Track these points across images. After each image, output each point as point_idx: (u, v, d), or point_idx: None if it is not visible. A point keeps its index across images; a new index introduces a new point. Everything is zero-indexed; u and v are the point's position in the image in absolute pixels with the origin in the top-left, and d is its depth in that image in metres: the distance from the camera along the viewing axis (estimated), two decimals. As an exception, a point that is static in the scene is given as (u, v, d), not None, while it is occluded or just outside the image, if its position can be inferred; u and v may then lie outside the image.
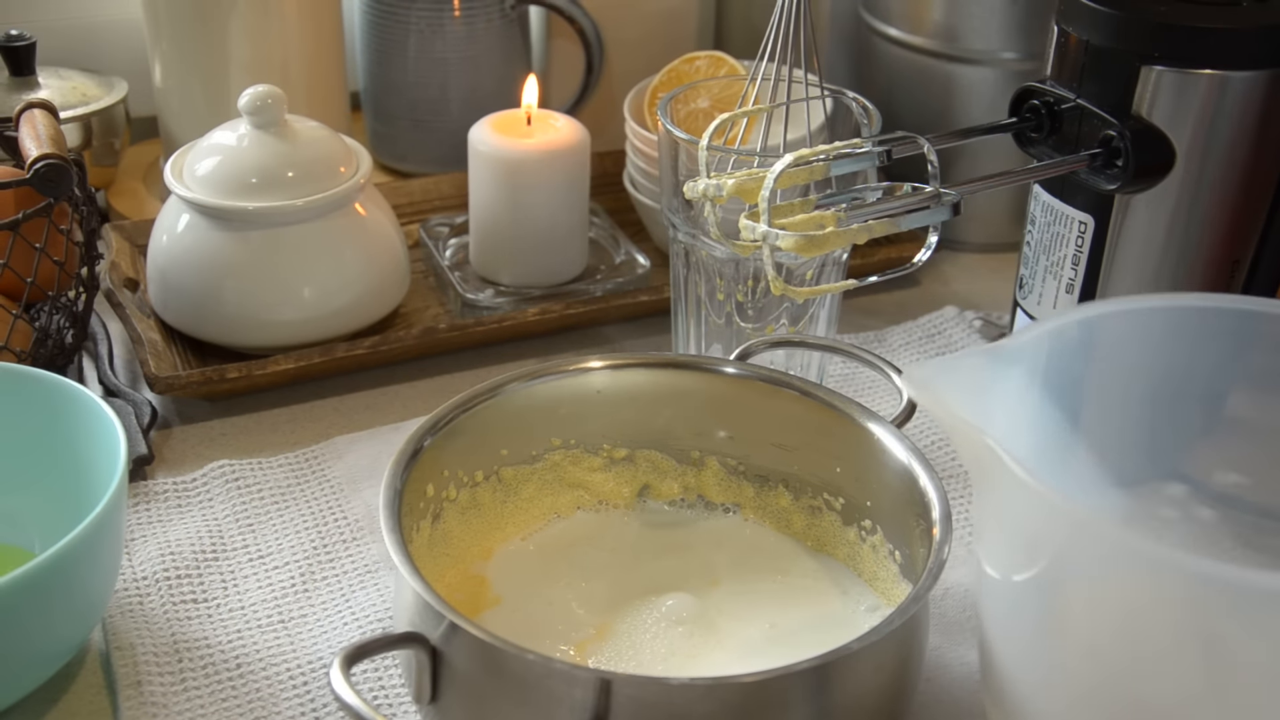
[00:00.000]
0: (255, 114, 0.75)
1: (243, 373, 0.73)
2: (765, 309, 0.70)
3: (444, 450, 0.56)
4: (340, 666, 0.45)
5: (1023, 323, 0.70)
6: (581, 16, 0.95)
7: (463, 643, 0.46)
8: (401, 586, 0.49)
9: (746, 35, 1.07)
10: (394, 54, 0.96)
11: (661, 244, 0.89)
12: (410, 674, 0.48)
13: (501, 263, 0.83)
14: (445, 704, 0.47)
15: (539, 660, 0.44)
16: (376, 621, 0.59)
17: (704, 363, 0.61)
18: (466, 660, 0.46)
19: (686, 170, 0.67)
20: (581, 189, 0.83)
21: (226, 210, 0.74)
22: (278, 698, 0.56)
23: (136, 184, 0.97)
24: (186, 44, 0.90)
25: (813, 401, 0.59)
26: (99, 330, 0.78)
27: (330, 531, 0.65)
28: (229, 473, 0.68)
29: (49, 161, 0.66)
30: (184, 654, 0.58)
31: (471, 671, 0.46)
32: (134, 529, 0.65)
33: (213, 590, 0.61)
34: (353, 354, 0.75)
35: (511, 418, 0.59)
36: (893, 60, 0.92)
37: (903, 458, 0.54)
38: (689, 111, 0.80)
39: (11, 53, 0.90)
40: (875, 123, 0.68)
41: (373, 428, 0.73)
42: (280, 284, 0.75)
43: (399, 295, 0.81)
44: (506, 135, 0.81)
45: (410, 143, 0.99)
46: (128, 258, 0.83)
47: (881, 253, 0.86)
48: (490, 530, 0.59)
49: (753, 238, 0.60)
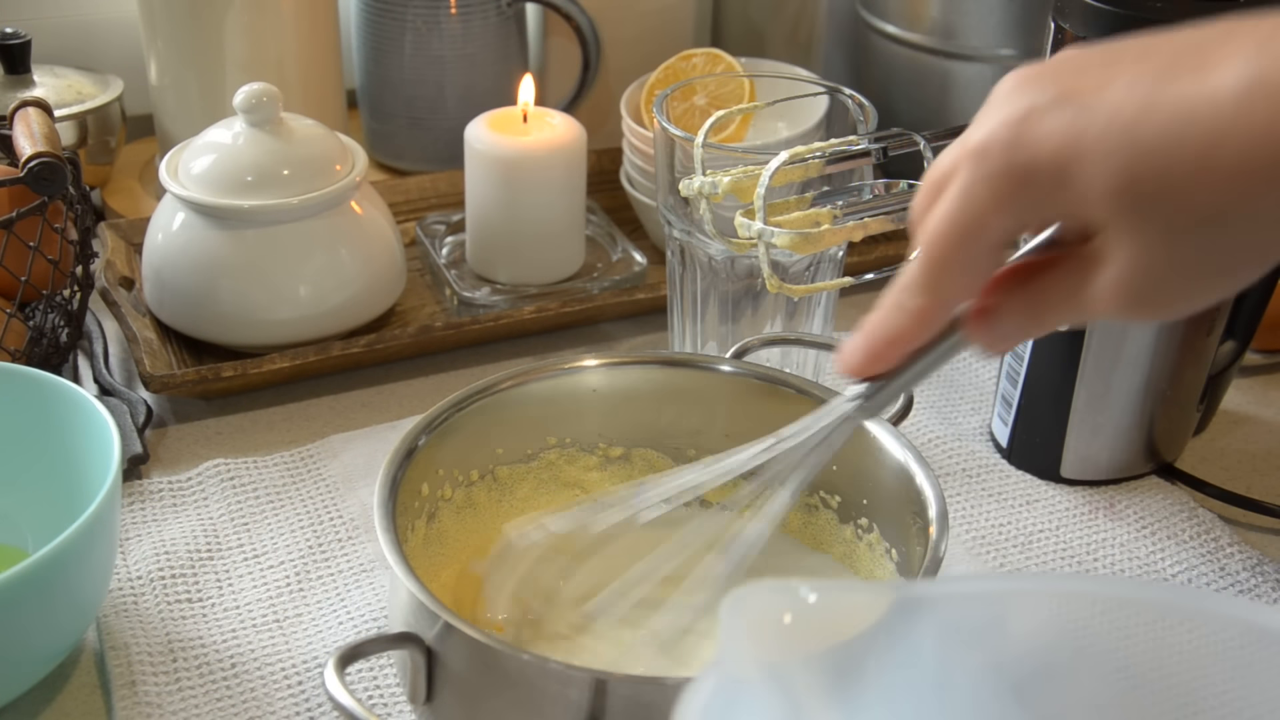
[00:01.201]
0: (251, 112, 0.75)
1: (238, 371, 0.73)
2: (761, 307, 0.70)
3: (439, 449, 0.56)
4: (334, 667, 0.45)
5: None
6: (578, 14, 0.94)
7: (458, 643, 0.46)
8: (396, 586, 0.49)
9: (743, 32, 1.07)
10: (390, 52, 0.96)
11: (658, 242, 0.88)
12: (405, 674, 0.48)
13: (498, 261, 0.83)
14: (440, 704, 0.47)
15: (534, 660, 0.44)
16: (371, 621, 0.59)
17: (699, 361, 0.61)
18: (461, 660, 0.46)
19: (683, 168, 0.67)
20: (578, 187, 0.83)
21: (222, 208, 0.74)
22: (272, 697, 0.56)
23: (132, 182, 0.96)
24: (182, 42, 0.90)
25: (809, 399, 0.58)
26: (94, 329, 0.78)
27: (326, 530, 0.65)
28: (224, 472, 0.68)
29: (43, 160, 0.66)
30: (179, 653, 0.57)
31: (466, 671, 0.46)
32: (129, 528, 0.64)
33: (207, 590, 0.61)
34: (348, 352, 0.75)
35: (507, 417, 0.59)
36: (890, 57, 0.92)
37: (899, 456, 0.54)
38: (685, 109, 0.80)
39: (6, 50, 0.90)
40: (872, 120, 0.68)
41: (368, 426, 0.73)
42: (276, 282, 0.75)
43: (395, 293, 0.81)
44: (503, 133, 0.81)
45: (406, 141, 0.99)
46: (123, 256, 0.83)
47: (878, 250, 0.86)
48: (486, 529, 0.59)
49: (748, 235, 0.60)
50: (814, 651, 0.37)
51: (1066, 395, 0.67)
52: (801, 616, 0.37)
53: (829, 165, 0.62)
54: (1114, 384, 0.67)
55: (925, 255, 0.41)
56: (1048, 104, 0.37)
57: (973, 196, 0.39)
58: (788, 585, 0.37)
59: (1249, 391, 0.78)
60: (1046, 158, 0.37)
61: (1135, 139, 0.36)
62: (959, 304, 0.42)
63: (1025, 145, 0.38)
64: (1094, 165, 0.36)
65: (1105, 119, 0.36)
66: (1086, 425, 0.68)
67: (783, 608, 0.37)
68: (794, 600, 0.37)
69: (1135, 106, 0.36)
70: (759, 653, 0.36)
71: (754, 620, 0.37)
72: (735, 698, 0.35)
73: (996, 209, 0.39)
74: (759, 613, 0.37)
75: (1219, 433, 0.75)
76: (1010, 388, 0.70)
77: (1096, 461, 0.69)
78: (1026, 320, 0.42)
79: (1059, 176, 0.37)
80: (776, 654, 0.37)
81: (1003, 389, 0.71)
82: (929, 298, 0.41)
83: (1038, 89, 0.38)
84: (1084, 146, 0.36)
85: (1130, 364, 0.66)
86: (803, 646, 0.37)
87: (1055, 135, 0.37)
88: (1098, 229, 0.38)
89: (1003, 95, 0.39)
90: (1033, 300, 0.41)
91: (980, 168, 0.39)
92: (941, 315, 0.42)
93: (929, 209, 0.41)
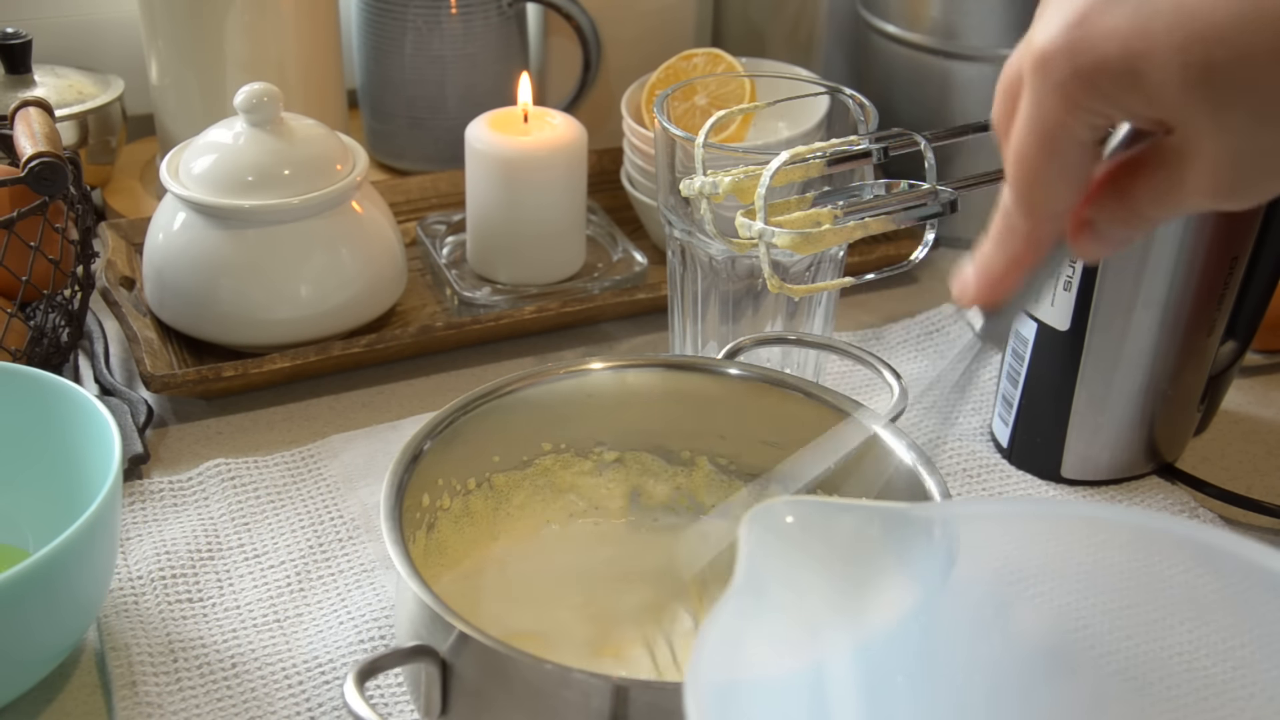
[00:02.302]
0: (251, 112, 0.75)
1: (239, 371, 0.73)
2: (762, 307, 0.70)
3: (438, 459, 0.55)
4: (354, 682, 0.44)
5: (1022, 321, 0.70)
6: (579, 14, 0.94)
7: (474, 653, 0.45)
8: (406, 598, 0.48)
9: (744, 32, 1.07)
10: (391, 51, 0.96)
11: (659, 242, 0.88)
12: (418, 688, 0.48)
13: (499, 261, 0.83)
14: (456, 717, 0.47)
15: (556, 669, 0.43)
16: (372, 621, 0.59)
17: (697, 363, 0.60)
18: (478, 671, 0.45)
19: (683, 167, 0.67)
20: (579, 187, 0.83)
21: (223, 208, 0.74)
22: (273, 697, 0.56)
23: (133, 182, 0.96)
24: (183, 42, 0.90)
25: (812, 401, 0.58)
26: (95, 329, 0.78)
27: (326, 531, 0.65)
28: (225, 471, 0.68)
29: (44, 160, 0.66)
30: (179, 654, 0.57)
31: (483, 682, 0.45)
32: (129, 528, 0.64)
33: (208, 590, 0.61)
34: (349, 352, 0.75)
35: (502, 424, 0.58)
36: (890, 57, 0.92)
37: (906, 457, 0.54)
38: (686, 108, 0.80)
39: (7, 50, 0.90)
40: (872, 120, 0.68)
41: (369, 426, 0.73)
42: (276, 282, 0.75)
43: (396, 293, 0.81)
44: (504, 133, 0.81)
45: (407, 140, 0.99)
46: (124, 256, 0.83)
47: (879, 250, 0.86)
48: (483, 538, 0.59)
49: (749, 235, 0.60)
50: (824, 560, 0.38)
51: (1067, 395, 0.67)
52: (812, 525, 0.38)
53: (830, 165, 0.62)
54: (1114, 384, 0.67)
55: (1016, 175, 0.40)
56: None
57: (1045, 108, 0.38)
58: (800, 500, 0.38)
59: (1250, 392, 0.78)
60: (1114, 58, 0.36)
61: (1206, 27, 0.34)
62: (1064, 215, 0.41)
63: (1089, 48, 0.36)
64: (1165, 60, 0.35)
65: (1171, 8, 0.34)
66: (1087, 425, 0.68)
67: (797, 518, 0.38)
68: (807, 510, 0.38)
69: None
70: (774, 564, 0.37)
71: (768, 530, 0.37)
72: (754, 617, 0.36)
73: (1072, 116, 0.37)
74: (773, 522, 0.38)
75: (1219, 433, 0.75)
76: (1011, 388, 0.70)
77: (1097, 462, 0.69)
78: (1126, 225, 0.41)
79: (1130, 75, 0.36)
80: (791, 563, 0.37)
81: (1003, 389, 0.71)
82: (1033, 217, 0.40)
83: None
84: (1152, 42, 0.35)
85: (1130, 364, 0.66)
86: (816, 557, 0.38)
87: (1120, 33, 0.35)
88: (1178, 124, 0.37)
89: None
90: (1128, 204, 0.40)
91: (1047, 78, 0.37)
92: (1050, 230, 0.41)
93: (1008, 118, 0.40)
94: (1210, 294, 0.65)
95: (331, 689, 0.56)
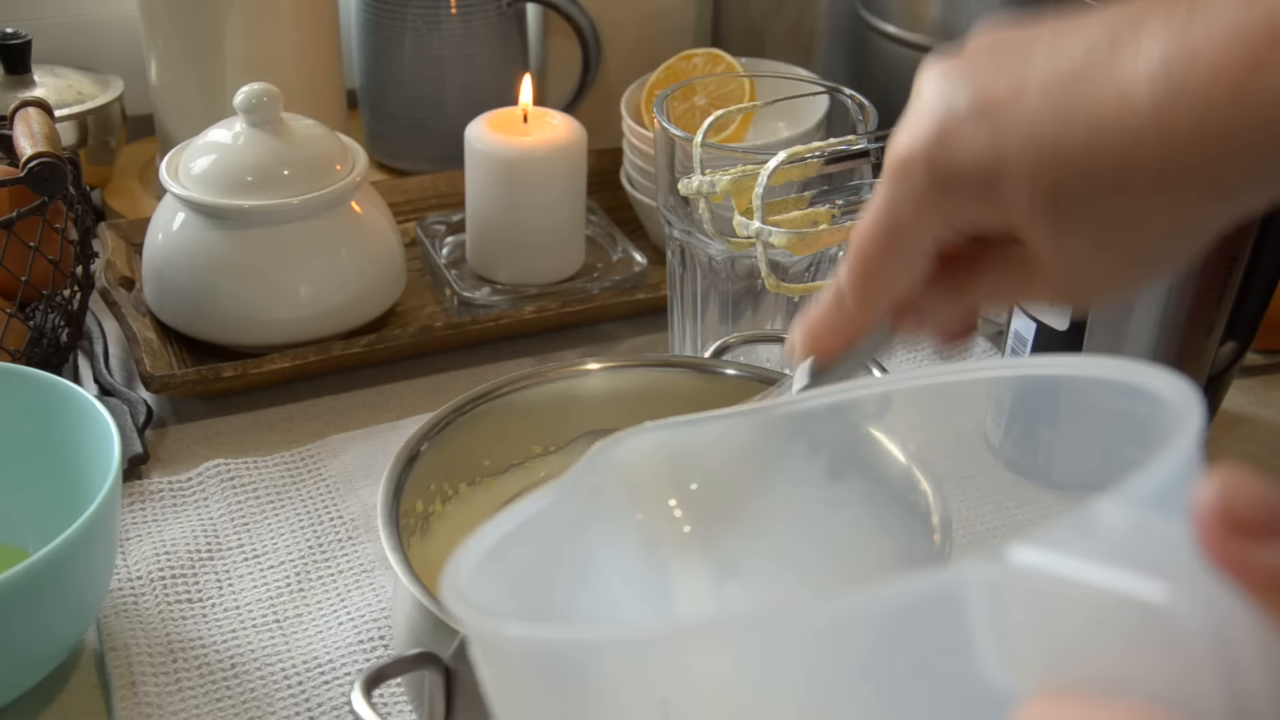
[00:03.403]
0: (251, 112, 0.75)
1: (238, 371, 0.73)
2: (761, 307, 0.70)
3: (431, 464, 0.55)
4: (361, 690, 0.44)
5: (1020, 321, 0.70)
6: (579, 14, 0.94)
7: None
8: (406, 603, 0.48)
9: (743, 32, 1.07)
10: (391, 52, 0.96)
11: (659, 242, 0.88)
12: (421, 696, 0.47)
13: (498, 261, 0.83)
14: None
15: None
16: (372, 621, 0.59)
17: (689, 363, 0.60)
18: None
19: (682, 167, 0.67)
20: (578, 187, 0.83)
21: (222, 208, 0.74)
22: (272, 698, 0.56)
23: (132, 182, 0.97)
24: (182, 42, 0.90)
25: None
26: (94, 329, 0.78)
27: (326, 531, 0.65)
28: (224, 472, 0.68)
29: (43, 160, 0.66)
30: (179, 654, 0.58)
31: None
32: (129, 528, 0.64)
33: (208, 590, 0.61)
34: (349, 352, 0.75)
35: (493, 427, 0.57)
36: (890, 57, 0.92)
37: (902, 459, 0.54)
38: (686, 109, 0.80)
39: (7, 50, 0.90)
40: (872, 120, 0.68)
41: (369, 426, 0.73)
42: (276, 282, 0.75)
43: (395, 294, 0.81)
44: (503, 133, 0.81)
45: (407, 141, 0.99)
46: (123, 256, 0.83)
47: (879, 250, 0.86)
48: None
49: (747, 235, 0.60)
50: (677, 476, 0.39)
51: (1066, 395, 0.67)
52: (670, 447, 0.39)
53: (828, 165, 0.62)
54: (1114, 384, 0.66)
55: (855, 262, 0.41)
56: (966, 112, 0.37)
57: (897, 208, 0.39)
58: (650, 424, 0.40)
59: (1249, 392, 0.78)
60: (970, 173, 0.37)
61: (1055, 153, 0.35)
62: (892, 303, 0.42)
63: (947, 160, 0.37)
64: (1016, 179, 0.36)
65: (1023, 132, 0.36)
66: (1086, 425, 0.68)
67: (650, 439, 0.39)
68: (660, 432, 0.39)
69: (1052, 118, 0.35)
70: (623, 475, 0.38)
71: (623, 455, 0.39)
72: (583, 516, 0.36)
73: (920, 221, 0.39)
74: (630, 448, 0.39)
75: (1219, 433, 0.74)
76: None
77: (1096, 462, 0.69)
78: (955, 316, 0.43)
79: (981, 189, 0.37)
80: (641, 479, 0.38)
81: (1002, 389, 0.71)
82: (863, 302, 0.42)
83: (958, 87, 0.38)
84: (1005, 162, 0.36)
85: (1130, 364, 0.66)
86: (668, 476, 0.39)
87: (975, 148, 0.37)
88: (1025, 239, 0.38)
89: (924, 95, 0.39)
90: (961, 298, 0.42)
91: (904, 182, 0.39)
92: (876, 314, 0.42)
93: None
94: (1210, 294, 0.65)
95: (331, 689, 0.56)
